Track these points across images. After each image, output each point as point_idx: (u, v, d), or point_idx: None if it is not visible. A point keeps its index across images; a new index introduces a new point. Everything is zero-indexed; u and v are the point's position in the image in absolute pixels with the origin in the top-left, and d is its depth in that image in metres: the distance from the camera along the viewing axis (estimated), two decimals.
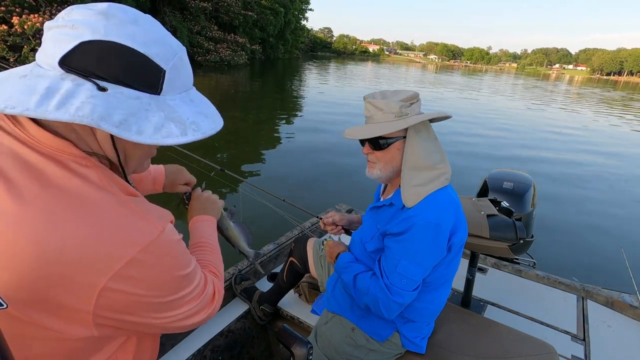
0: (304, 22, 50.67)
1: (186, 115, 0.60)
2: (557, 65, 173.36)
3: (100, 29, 0.53)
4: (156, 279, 0.61)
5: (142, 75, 0.56)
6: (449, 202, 1.19)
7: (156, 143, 0.56)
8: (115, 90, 0.54)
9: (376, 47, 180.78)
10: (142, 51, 0.56)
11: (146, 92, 0.57)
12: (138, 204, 0.62)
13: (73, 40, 0.52)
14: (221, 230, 1.16)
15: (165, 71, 0.58)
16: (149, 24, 0.59)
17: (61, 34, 0.53)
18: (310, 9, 49.21)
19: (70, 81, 0.52)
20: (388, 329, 1.33)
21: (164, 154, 2.40)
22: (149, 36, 0.57)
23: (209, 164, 1.96)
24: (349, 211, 2.88)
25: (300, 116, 11.04)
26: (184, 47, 0.64)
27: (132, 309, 0.60)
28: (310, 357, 0.81)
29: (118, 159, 0.63)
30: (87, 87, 0.52)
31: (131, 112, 0.54)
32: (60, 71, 0.53)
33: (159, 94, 0.58)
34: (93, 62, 0.53)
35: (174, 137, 0.57)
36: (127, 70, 0.54)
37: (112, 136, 0.59)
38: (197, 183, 1.16)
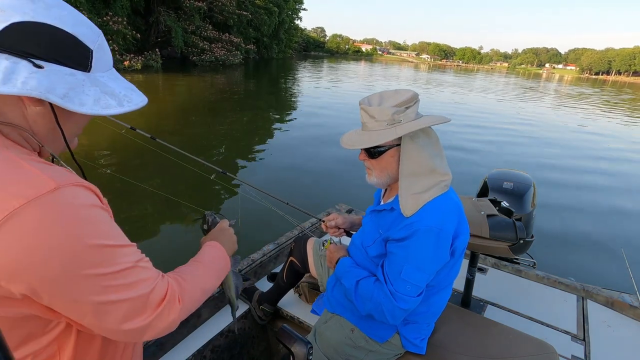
0: (297, 22, 50.54)
1: (118, 89, 0.66)
2: (547, 65, 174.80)
3: (28, 11, 0.56)
4: (55, 241, 0.54)
5: (73, 54, 0.60)
6: (451, 206, 1.18)
7: (97, 114, 0.61)
8: (50, 68, 0.57)
9: (369, 47, 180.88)
10: (70, 32, 0.59)
11: (78, 69, 0.61)
12: (34, 163, 0.57)
13: (3, 22, 0.55)
14: None
15: (92, 50, 0.63)
16: (71, 8, 0.63)
17: None
18: (304, 9, 49.09)
19: (5, 59, 0.54)
20: (388, 330, 1.33)
21: (166, 159, 2.35)
22: (75, 18, 0.61)
23: (210, 166, 1.91)
24: (349, 211, 2.88)
25: (296, 115, 11.02)
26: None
27: (27, 275, 0.53)
28: (310, 357, 0.80)
29: (62, 132, 0.64)
30: (24, 65, 0.55)
31: (70, 86, 0.58)
32: None
33: (89, 72, 0.63)
34: (26, 41, 0.56)
35: (112, 108, 0.62)
36: (59, 49, 0.58)
37: (54, 111, 0.61)
38: (225, 213, 1.10)
